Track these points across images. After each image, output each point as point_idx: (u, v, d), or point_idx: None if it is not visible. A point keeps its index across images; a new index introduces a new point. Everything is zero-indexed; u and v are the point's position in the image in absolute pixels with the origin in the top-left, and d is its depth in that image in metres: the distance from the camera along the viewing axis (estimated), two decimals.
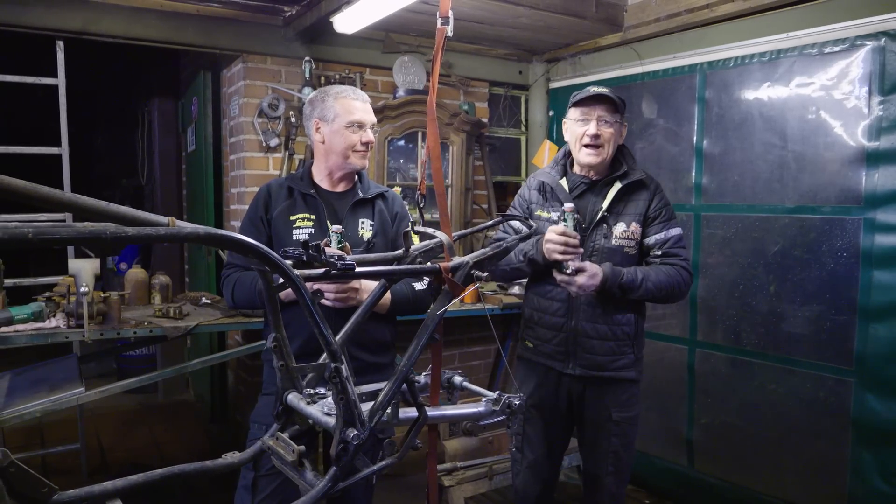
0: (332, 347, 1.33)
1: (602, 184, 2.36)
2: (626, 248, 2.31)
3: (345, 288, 1.99)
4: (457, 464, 3.14)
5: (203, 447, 4.31)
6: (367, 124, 2.18)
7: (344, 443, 1.33)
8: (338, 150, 2.16)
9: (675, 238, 2.33)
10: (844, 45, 2.88)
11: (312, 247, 1.30)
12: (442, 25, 1.67)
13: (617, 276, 2.22)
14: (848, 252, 2.90)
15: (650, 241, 2.33)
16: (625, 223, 2.31)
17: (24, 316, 2.69)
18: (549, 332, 2.39)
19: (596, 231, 2.32)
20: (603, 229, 2.32)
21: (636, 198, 2.34)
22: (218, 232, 1.15)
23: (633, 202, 2.34)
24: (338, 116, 2.14)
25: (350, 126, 2.14)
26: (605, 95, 2.26)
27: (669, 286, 2.27)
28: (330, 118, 2.15)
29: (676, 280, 2.29)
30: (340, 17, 3.17)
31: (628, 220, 2.32)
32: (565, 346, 2.36)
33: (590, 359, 2.33)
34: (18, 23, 3.13)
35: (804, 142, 3.04)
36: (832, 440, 2.97)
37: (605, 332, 2.32)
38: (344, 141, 2.14)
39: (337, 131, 2.14)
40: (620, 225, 2.31)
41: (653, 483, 3.74)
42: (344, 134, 2.14)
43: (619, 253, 2.31)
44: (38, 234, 0.89)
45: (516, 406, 1.60)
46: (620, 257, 2.30)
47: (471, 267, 1.60)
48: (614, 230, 2.31)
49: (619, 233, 2.31)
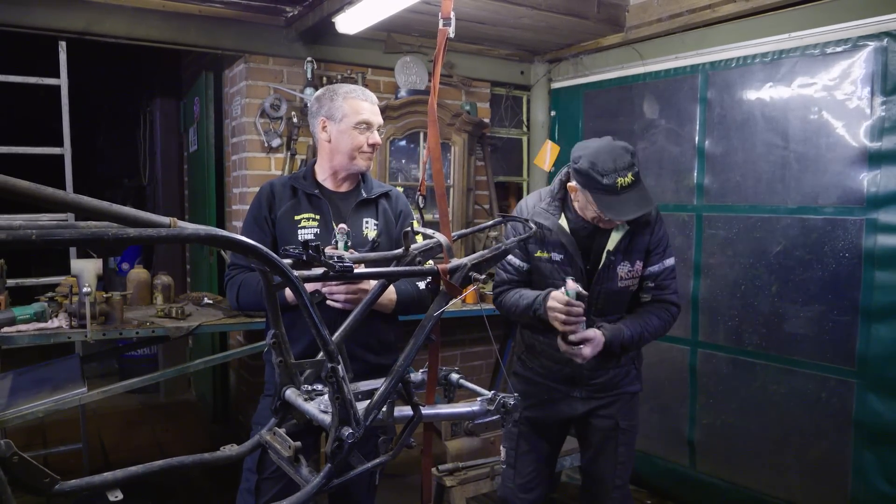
0: (329, 347, 1.34)
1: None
2: (630, 287, 2.26)
3: (354, 289, 1.97)
4: (458, 464, 3.13)
5: (205, 447, 4.24)
6: (375, 125, 2.15)
7: (339, 441, 1.34)
8: (344, 150, 2.13)
9: (669, 269, 2.29)
10: (847, 46, 2.87)
11: (312, 247, 1.31)
12: (444, 26, 1.68)
13: (618, 338, 2.18)
14: (850, 253, 2.89)
15: (647, 273, 2.27)
16: (629, 263, 2.22)
17: (27, 316, 2.70)
18: (554, 365, 2.33)
19: (602, 274, 2.20)
20: (608, 273, 2.21)
21: (640, 231, 2.23)
22: (219, 232, 1.16)
23: (638, 235, 2.23)
24: (346, 116, 2.10)
25: (358, 126, 2.11)
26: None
27: (662, 329, 2.28)
28: (338, 117, 2.11)
29: (667, 321, 2.29)
30: (342, 17, 3.18)
31: (633, 258, 2.22)
32: (571, 376, 2.32)
33: (596, 384, 2.32)
34: (21, 23, 3.14)
35: (806, 142, 3.03)
36: (834, 441, 2.97)
37: (609, 361, 2.29)
38: (351, 141, 2.11)
39: (344, 131, 2.11)
40: (625, 265, 2.22)
41: (654, 483, 3.73)
42: (351, 134, 2.11)
43: (624, 293, 2.26)
44: (42, 236, 0.90)
45: (511, 406, 1.60)
46: (625, 296, 2.28)
47: (469, 269, 1.61)
48: (619, 271, 2.21)
49: (624, 273, 2.22)
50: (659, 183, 3.66)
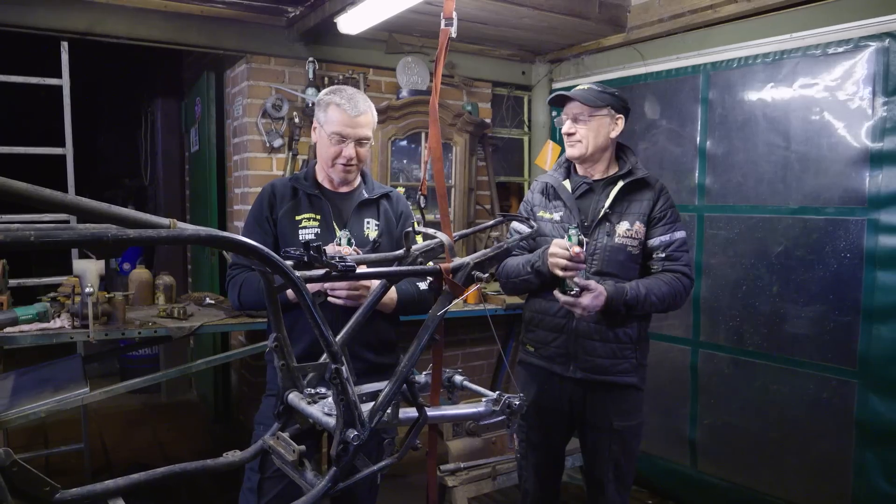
0: (333, 348, 1.33)
1: (604, 183, 2.35)
2: (629, 246, 2.28)
3: (357, 286, 1.96)
4: (460, 464, 3.13)
5: (206, 447, 4.31)
6: (350, 139, 2.07)
7: (344, 443, 1.34)
8: (322, 156, 2.14)
9: (679, 241, 2.31)
10: (848, 46, 2.87)
11: (314, 247, 1.30)
12: (446, 27, 1.68)
13: (621, 294, 2.19)
14: (851, 253, 2.89)
15: (654, 242, 2.30)
16: (628, 222, 2.29)
17: (29, 316, 2.71)
18: (550, 334, 2.37)
19: (598, 229, 2.29)
20: (606, 227, 2.29)
21: (640, 198, 2.32)
22: (219, 233, 1.15)
23: (636, 202, 2.31)
24: (326, 124, 2.09)
25: (331, 137, 2.08)
26: (565, 96, 2.32)
27: (671, 296, 2.26)
28: (322, 123, 2.11)
29: (678, 289, 2.27)
30: (344, 17, 3.18)
31: (632, 219, 2.29)
32: (566, 347, 2.33)
33: (591, 361, 2.30)
34: (23, 23, 3.14)
35: (808, 142, 3.03)
36: (836, 441, 2.96)
37: (606, 334, 2.28)
38: (325, 150, 2.12)
39: (323, 138, 2.11)
40: (624, 223, 2.29)
41: (655, 483, 3.73)
42: (327, 143, 2.10)
43: (622, 251, 2.28)
44: (41, 238, 0.89)
45: (516, 406, 1.60)
46: (624, 256, 2.28)
47: (472, 268, 1.60)
48: (617, 228, 2.28)
49: (623, 231, 2.28)
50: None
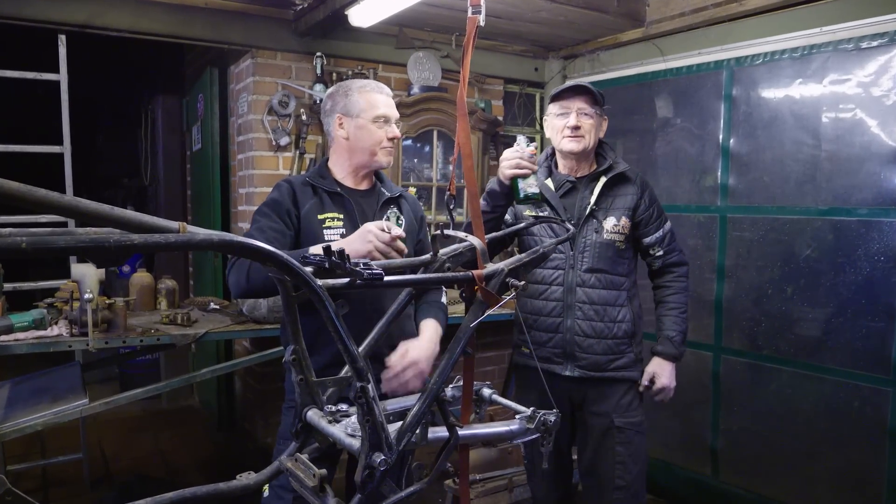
0: (359, 365, 1.22)
1: (587, 180, 2.38)
2: (617, 242, 2.33)
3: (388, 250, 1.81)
4: (475, 476, 3.02)
5: (209, 456, 4.19)
6: (393, 119, 2.09)
7: (370, 468, 1.22)
8: (364, 146, 2.05)
9: (669, 232, 2.43)
10: (883, 40, 2.75)
11: (336, 253, 1.18)
12: (473, 14, 1.56)
13: (674, 344, 2.37)
14: (885, 256, 2.77)
15: (650, 240, 2.39)
16: (615, 217, 2.33)
17: (25, 323, 2.58)
18: (545, 334, 2.37)
19: (586, 226, 2.33)
20: (593, 224, 2.33)
21: (623, 192, 2.36)
22: (234, 239, 1.05)
23: (620, 196, 2.36)
24: (363, 111, 2.04)
25: (376, 121, 2.05)
26: (583, 87, 2.31)
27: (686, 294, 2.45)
28: (354, 113, 2.05)
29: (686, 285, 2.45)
30: (356, 9, 3.05)
31: (617, 214, 2.34)
32: (562, 346, 2.34)
33: (588, 358, 2.31)
34: (19, 15, 3.01)
35: (839, 141, 2.91)
36: (868, 452, 2.85)
37: (601, 330, 2.31)
38: (370, 137, 2.04)
39: (362, 127, 2.04)
40: (610, 219, 2.33)
41: (674, 493, 3.61)
42: (370, 129, 2.04)
43: (611, 247, 2.32)
44: (33, 245, 0.77)
45: (552, 423, 1.48)
46: (612, 251, 2.33)
47: (506, 275, 1.48)
48: (605, 224, 2.33)
49: (610, 227, 2.33)
50: (678, 183, 3.54)
